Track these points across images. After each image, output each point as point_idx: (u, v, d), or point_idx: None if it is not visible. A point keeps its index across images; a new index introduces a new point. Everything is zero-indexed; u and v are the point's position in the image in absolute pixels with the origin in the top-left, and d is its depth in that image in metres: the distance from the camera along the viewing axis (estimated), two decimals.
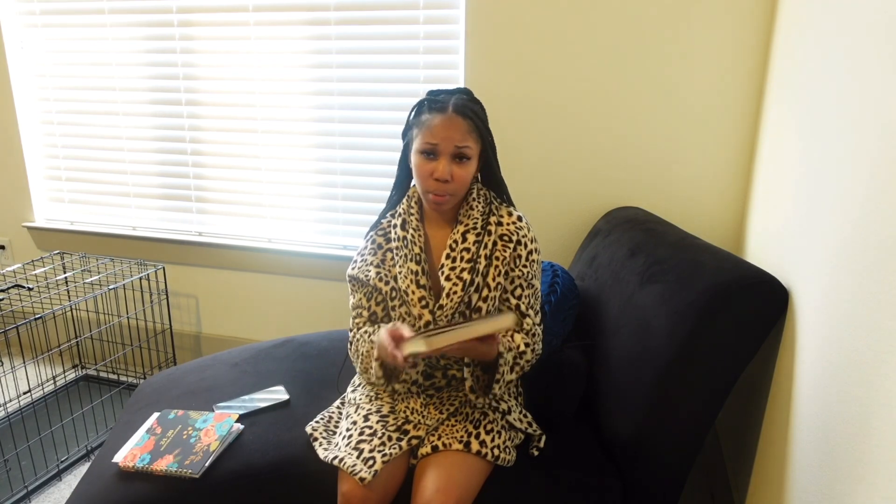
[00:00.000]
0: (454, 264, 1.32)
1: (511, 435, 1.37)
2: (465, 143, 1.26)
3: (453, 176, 1.27)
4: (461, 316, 1.34)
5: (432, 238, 1.39)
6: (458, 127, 1.26)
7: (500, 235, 1.34)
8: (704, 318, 1.23)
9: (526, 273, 1.34)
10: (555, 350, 1.50)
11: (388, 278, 1.38)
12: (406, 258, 1.35)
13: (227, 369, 1.72)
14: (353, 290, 1.44)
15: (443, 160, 1.26)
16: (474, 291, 1.32)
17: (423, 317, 1.34)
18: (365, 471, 1.22)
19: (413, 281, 1.34)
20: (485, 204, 1.36)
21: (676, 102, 1.92)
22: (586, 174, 2.06)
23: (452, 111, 1.27)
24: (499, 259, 1.33)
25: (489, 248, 1.33)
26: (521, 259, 1.34)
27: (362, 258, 1.41)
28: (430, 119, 1.27)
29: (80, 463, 2.04)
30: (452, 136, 1.26)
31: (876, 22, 0.95)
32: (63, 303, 2.48)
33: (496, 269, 1.33)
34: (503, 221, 1.35)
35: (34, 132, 2.66)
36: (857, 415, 0.85)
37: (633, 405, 1.32)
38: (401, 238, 1.37)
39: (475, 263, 1.32)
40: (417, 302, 1.34)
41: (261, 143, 2.39)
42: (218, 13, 2.29)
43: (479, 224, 1.34)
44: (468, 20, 2.02)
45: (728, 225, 1.98)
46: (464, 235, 1.33)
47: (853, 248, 0.93)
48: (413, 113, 1.34)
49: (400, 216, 1.39)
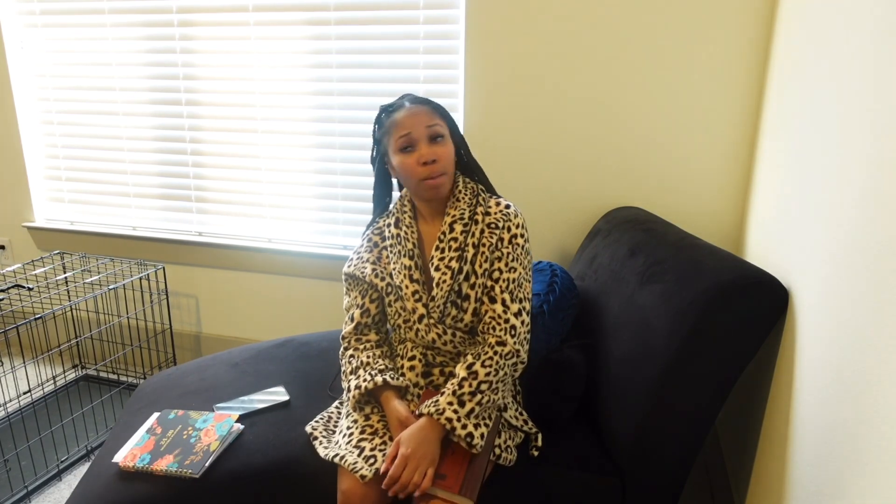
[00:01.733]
0: (443, 254, 1.34)
1: (511, 434, 1.37)
2: (433, 122, 1.31)
3: (437, 154, 1.30)
4: (453, 306, 1.34)
5: (425, 234, 1.41)
6: (422, 111, 1.32)
7: (488, 224, 1.35)
8: (704, 318, 1.23)
9: (506, 254, 1.33)
10: (554, 349, 1.50)
11: (384, 274, 1.41)
12: (400, 254, 1.38)
13: (227, 369, 1.72)
14: (348, 289, 1.46)
15: (422, 144, 1.30)
16: (463, 279, 1.34)
17: (416, 310, 1.36)
18: (366, 468, 1.22)
19: (407, 276, 1.36)
20: (472, 195, 1.39)
21: (677, 102, 1.92)
22: (586, 174, 2.06)
23: (410, 103, 1.34)
24: (485, 245, 1.34)
25: (476, 236, 1.34)
26: (504, 241, 1.34)
27: (358, 256, 1.45)
28: (395, 117, 1.33)
29: (80, 463, 2.04)
30: (421, 120, 1.31)
31: (877, 21, 0.95)
32: (63, 303, 2.48)
33: (482, 256, 1.34)
34: (491, 211, 1.36)
35: (34, 132, 2.66)
36: (857, 414, 0.85)
37: (633, 405, 1.32)
38: (395, 236, 1.40)
39: (463, 252, 1.34)
40: (411, 296, 1.36)
41: (261, 143, 2.39)
42: (218, 13, 2.29)
43: (465, 214, 1.36)
44: (468, 20, 2.02)
45: (728, 225, 1.98)
46: (451, 226, 1.35)
47: (853, 247, 0.93)
48: (376, 127, 1.40)
49: (393, 215, 1.43)
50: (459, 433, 1.21)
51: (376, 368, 1.36)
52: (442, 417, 1.21)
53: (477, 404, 1.24)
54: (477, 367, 1.26)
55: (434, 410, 1.22)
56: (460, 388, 1.24)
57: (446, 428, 1.22)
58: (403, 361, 1.40)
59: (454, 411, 1.22)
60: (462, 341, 1.37)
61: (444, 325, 1.36)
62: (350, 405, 1.37)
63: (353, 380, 1.37)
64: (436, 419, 1.22)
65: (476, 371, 1.26)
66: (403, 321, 1.40)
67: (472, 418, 1.23)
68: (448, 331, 1.36)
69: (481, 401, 1.24)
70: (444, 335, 1.36)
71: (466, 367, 1.27)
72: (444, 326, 1.36)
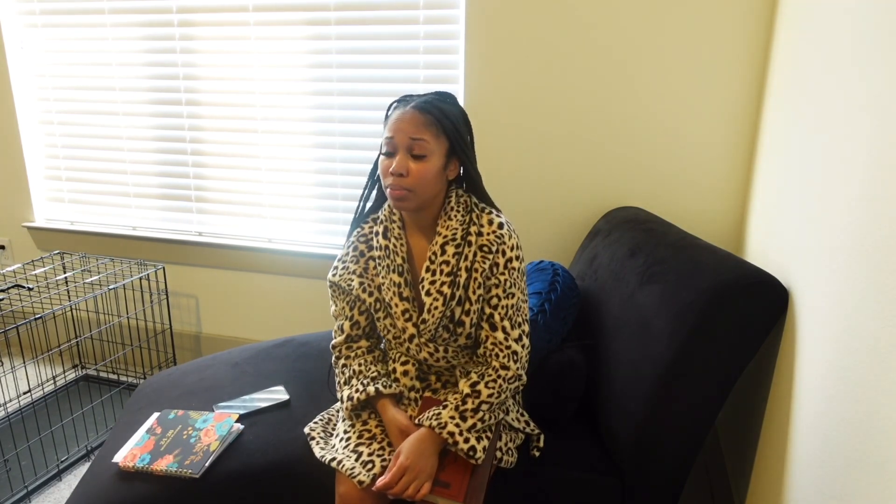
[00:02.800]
0: (434, 278, 1.28)
1: (511, 436, 1.37)
2: (418, 135, 1.22)
3: (409, 170, 1.22)
4: (445, 330, 1.31)
5: (415, 247, 1.34)
6: (414, 120, 1.23)
7: (480, 246, 1.28)
8: (704, 319, 1.23)
9: (503, 281, 1.27)
10: (555, 349, 1.50)
11: (372, 289, 1.35)
12: (389, 269, 1.32)
13: (227, 369, 1.72)
14: (335, 298, 1.39)
15: (399, 154, 1.23)
16: (456, 305, 1.29)
17: (406, 330, 1.32)
18: (363, 474, 1.22)
19: (396, 294, 1.31)
20: (465, 212, 1.30)
21: (677, 102, 1.92)
22: (586, 174, 2.06)
23: (412, 107, 1.25)
24: (478, 271, 1.28)
25: (469, 259, 1.28)
26: (499, 267, 1.27)
27: (343, 265, 1.37)
28: (390, 115, 1.27)
29: (80, 463, 2.04)
30: (406, 128, 1.22)
31: (877, 20, 0.95)
32: (63, 303, 2.48)
33: (476, 282, 1.28)
34: (483, 231, 1.28)
35: (34, 132, 2.66)
36: (857, 414, 0.85)
37: (633, 405, 1.32)
38: (383, 247, 1.33)
39: (455, 277, 1.28)
40: (401, 315, 1.32)
41: (261, 143, 2.39)
42: (218, 13, 2.29)
43: (458, 234, 1.28)
44: (468, 20, 2.02)
45: (728, 225, 1.98)
46: (443, 248, 1.28)
47: (853, 247, 0.93)
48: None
49: (382, 223, 1.35)
50: (462, 447, 1.21)
51: (368, 377, 1.33)
52: (444, 432, 1.21)
53: (479, 420, 1.23)
54: (481, 386, 1.25)
55: (436, 424, 1.21)
56: (463, 405, 1.23)
57: (448, 441, 1.21)
58: (396, 366, 1.38)
59: (456, 425, 1.22)
60: (455, 356, 1.35)
61: (435, 343, 1.33)
62: (345, 414, 1.36)
63: (346, 390, 1.35)
64: (437, 433, 1.21)
65: (479, 390, 1.25)
66: (394, 337, 1.36)
67: (474, 432, 1.23)
68: (440, 348, 1.34)
69: (483, 418, 1.24)
70: (436, 353, 1.34)
71: (471, 384, 1.26)
72: (435, 345, 1.33)
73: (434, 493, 1.18)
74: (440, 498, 1.18)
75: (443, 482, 1.20)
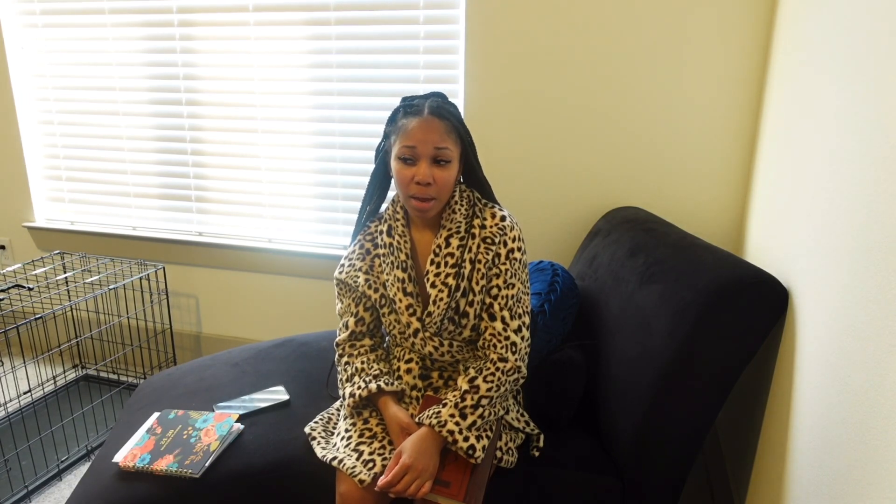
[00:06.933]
0: (438, 270, 1.31)
1: (512, 436, 1.37)
2: (443, 144, 1.24)
3: (435, 179, 1.24)
4: (451, 322, 1.32)
5: (418, 243, 1.36)
6: (436, 128, 1.24)
7: (484, 238, 1.30)
8: (704, 318, 1.23)
9: (504, 271, 1.29)
10: (555, 349, 1.50)
11: (377, 285, 1.36)
12: (393, 265, 1.34)
13: (227, 369, 1.72)
14: (341, 295, 1.41)
15: (423, 163, 1.24)
16: (461, 296, 1.31)
17: (411, 325, 1.34)
18: (364, 473, 1.22)
19: (400, 289, 1.33)
20: (468, 206, 1.33)
21: (677, 102, 1.92)
22: (586, 174, 2.06)
23: (429, 113, 1.24)
24: (481, 262, 1.30)
25: (473, 251, 1.30)
26: (501, 257, 1.29)
27: (350, 262, 1.39)
28: (407, 123, 1.25)
29: (80, 463, 2.04)
30: (430, 138, 1.23)
31: (877, 20, 0.95)
32: (63, 303, 2.48)
33: (479, 273, 1.30)
34: (487, 224, 1.31)
35: (34, 132, 2.66)
36: (857, 415, 0.85)
37: (633, 405, 1.32)
38: (387, 245, 1.35)
39: (460, 268, 1.30)
40: (405, 310, 1.33)
41: (261, 143, 2.39)
42: (218, 13, 2.29)
43: (462, 227, 1.31)
44: (468, 20, 2.02)
45: (728, 225, 1.98)
46: (447, 240, 1.31)
47: (853, 247, 0.93)
48: (389, 121, 1.32)
49: (386, 221, 1.37)
50: (461, 445, 1.21)
51: (371, 374, 1.34)
52: (444, 430, 1.21)
53: (479, 417, 1.23)
54: (479, 381, 1.25)
55: (436, 423, 1.22)
56: (462, 402, 1.24)
57: (448, 440, 1.21)
58: (400, 364, 1.39)
59: (456, 423, 1.22)
60: (460, 350, 1.36)
61: (440, 337, 1.34)
62: (346, 412, 1.37)
63: (348, 387, 1.35)
64: (437, 431, 1.21)
65: (478, 385, 1.25)
66: (399, 332, 1.38)
67: (474, 430, 1.23)
68: (445, 342, 1.34)
69: (483, 414, 1.24)
70: (440, 347, 1.35)
71: (468, 380, 1.26)
72: (440, 339, 1.34)
73: (434, 492, 1.18)
74: (440, 497, 1.18)
75: (443, 481, 1.20)
